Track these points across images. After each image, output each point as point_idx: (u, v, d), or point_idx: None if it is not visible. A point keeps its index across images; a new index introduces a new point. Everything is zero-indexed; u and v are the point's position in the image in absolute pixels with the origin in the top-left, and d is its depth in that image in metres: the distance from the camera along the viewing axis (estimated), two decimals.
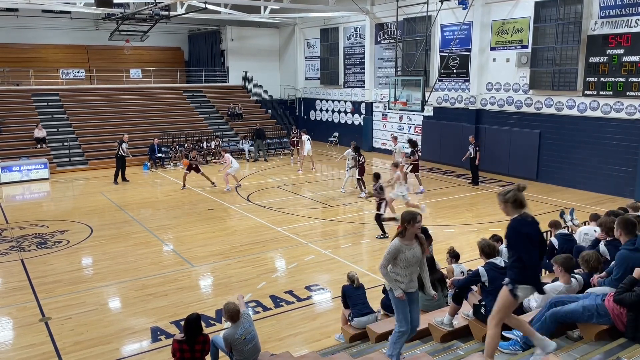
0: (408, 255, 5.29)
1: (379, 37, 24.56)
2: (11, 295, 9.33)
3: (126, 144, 19.02)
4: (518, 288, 4.45)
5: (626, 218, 5.60)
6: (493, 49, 19.44)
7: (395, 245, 5.31)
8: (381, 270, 5.44)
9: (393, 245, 5.33)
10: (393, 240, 5.38)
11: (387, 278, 5.40)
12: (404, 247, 5.29)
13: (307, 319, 8.30)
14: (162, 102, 27.15)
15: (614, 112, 15.86)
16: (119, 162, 18.87)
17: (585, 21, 16.16)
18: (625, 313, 4.83)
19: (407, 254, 5.28)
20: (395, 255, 5.30)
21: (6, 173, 19.30)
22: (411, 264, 5.32)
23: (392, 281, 5.36)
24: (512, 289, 4.47)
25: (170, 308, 8.67)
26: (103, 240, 12.39)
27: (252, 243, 12.05)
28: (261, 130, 24.10)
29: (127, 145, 19.16)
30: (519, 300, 4.58)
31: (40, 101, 24.71)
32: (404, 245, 5.29)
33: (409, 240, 5.31)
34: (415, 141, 17.93)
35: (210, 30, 31.64)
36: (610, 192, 15.99)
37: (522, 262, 4.39)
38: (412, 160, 17.03)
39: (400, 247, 5.29)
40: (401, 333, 5.44)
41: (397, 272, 5.33)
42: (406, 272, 5.32)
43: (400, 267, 5.31)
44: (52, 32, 29.30)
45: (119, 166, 18.89)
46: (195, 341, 5.66)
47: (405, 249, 5.28)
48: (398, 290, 5.33)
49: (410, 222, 5.25)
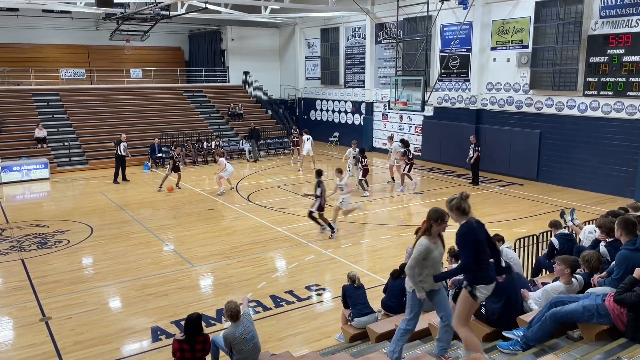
0: (435, 254, 5.12)
1: (379, 37, 24.55)
2: (11, 295, 9.33)
3: (125, 144, 19.00)
4: (476, 289, 4.85)
5: (627, 218, 5.59)
6: (493, 49, 19.43)
7: (426, 245, 5.09)
8: (410, 271, 5.19)
9: (423, 245, 5.09)
10: (420, 240, 5.13)
11: (413, 280, 5.18)
12: (432, 245, 5.10)
13: (308, 318, 8.30)
14: (162, 102, 27.15)
15: (615, 112, 15.86)
16: (118, 162, 18.87)
17: (585, 21, 16.15)
18: (626, 313, 4.82)
19: (434, 252, 5.11)
20: (426, 255, 5.08)
21: (7, 173, 19.31)
22: (436, 262, 5.17)
23: (416, 283, 5.17)
24: (471, 290, 4.86)
25: (170, 308, 8.67)
26: (103, 240, 12.39)
27: (252, 243, 12.05)
28: (255, 130, 23.99)
29: (126, 144, 19.15)
30: (479, 300, 4.96)
31: (41, 101, 24.71)
32: (432, 244, 5.10)
33: (435, 238, 5.13)
34: (407, 141, 18.01)
35: (210, 30, 31.65)
36: (611, 192, 15.98)
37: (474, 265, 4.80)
38: (407, 159, 17.06)
39: (430, 246, 5.09)
40: (406, 331, 5.36)
41: (422, 272, 5.14)
42: (431, 271, 5.14)
43: (427, 266, 5.12)
44: (53, 32, 29.32)
45: (118, 166, 18.89)
46: (195, 341, 5.66)
47: (433, 248, 5.11)
48: (421, 292, 5.17)
49: (438, 220, 5.03)
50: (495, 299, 5.51)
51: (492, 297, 5.51)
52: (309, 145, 20.73)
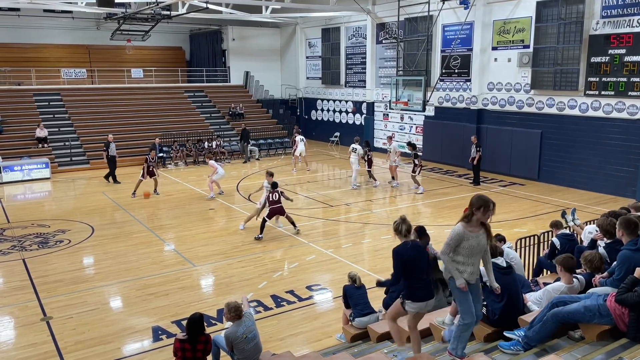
0: (472, 243, 4.85)
1: (380, 36, 24.54)
2: (13, 294, 9.34)
3: (113, 144, 18.87)
4: (406, 303, 5.25)
5: (628, 218, 5.58)
6: (494, 49, 19.42)
7: (459, 232, 4.85)
8: (442, 257, 5.00)
9: (456, 232, 4.87)
10: (456, 226, 4.92)
11: (449, 266, 4.94)
12: (467, 233, 4.84)
13: (308, 318, 8.30)
14: (163, 102, 27.17)
15: (616, 112, 15.84)
16: (111, 162, 18.78)
17: (587, 21, 16.14)
18: (627, 313, 4.82)
19: (471, 241, 4.84)
20: (458, 242, 4.85)
21: (8, 172, 19.33)
22: (474, 253, 4.89)
23: (454, 270, 4.92)
24: (402, 302, 5.29)
25: (171, 308, 8.68)
26: (104, 240, 12.40)
27: (253, 243, 12.05)
28: (246, 130, 23.83)
29: (115, 145, 19.00)
30: (409, 312, 5.31)
31: (42, 101, 24.73)
32: (468, 232, 4.84)
33: (475, 227, 4.86)
34: (414, 144, 18.02)
35: (211, 29, 31.66)
36: (612, 192, 15.97)
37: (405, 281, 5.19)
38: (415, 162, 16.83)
39: (464, 233, 4.83)
40: (466, 325, 5.03)
41: (459, 261, 4.91)
42: (469, 261, 4.89)
43: (463, 255, 4.88)
44: (54, 32, 29.34)
45: (112, 166, 18.81)
46: (197, 341, 5.66)
47: (470, 236, 4.84)
48: (460, 279, 4.88)
49: (481, 208, 4.77)
50: (497, 299, 5.50)
51: (493, 297, 5.52)
52: (302, 146, 20.54)
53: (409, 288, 5.19)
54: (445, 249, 4.94)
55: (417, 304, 5.20)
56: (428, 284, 5.28)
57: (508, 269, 5.63)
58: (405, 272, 5.12)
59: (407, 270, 5.12)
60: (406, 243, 5.17)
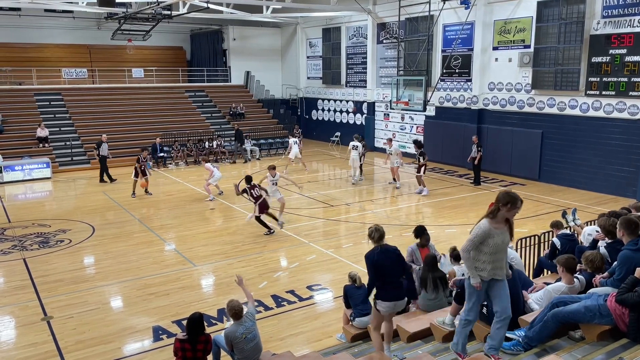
0: (497, 240, 4.75)
1: (381, 36, 24.54)
2: (13, 294, 9.35)
3: (105, 144, 18.83)
4: (377, 303, 5.57)
5: (629, 218, 5.57)
6: (495, 49, 19.41)
7: (485, 229, 4.73)
8: (463, 254, 4.89)
9: (482, 228, 4.75)
10: (481, 222, 4.80)
11: (468, 264, 4.87)
12: (493, 230, 4.73)
13: (309, 318, 8.30)
14: (164, 102, 27.17)
15: (617, 112, 15.83)
16: (101, 162, 18.77)
17: (587, 21, 16.13)
18: (628, 313, 4.82)
19: (496, 238, 4.74)
20: (483, 239, 4.74)
21: (9, 172, 19.34)
22: (499, 250, 4.80)
23: (471, 267, 4.83)
24: (375, 304, 5.61)
25: (172, 307, 8.68)
26: (105, 240, 12.41)
27: (253, 242, 12.06)
28: (239, 131, 23.70)
29: (107, 145, 18.96)
30: (383, 313, 5.60)
31: (43, 100, 24.75)
32: (494, 229, 4.73)
33: (500, 223, 4.76)
34: (420, 141, 17.86)
35: (212, 29, 31.67)
36: (613, 192, 15.96)
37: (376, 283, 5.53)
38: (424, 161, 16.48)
39: (490, 230, 4.72)
40: (467, 322, 5.06)
41: (479, 258, 4.80)
42: (492, 258, 4.79)
43: (486, 252, 4.77)
44: (55, 32, 29.36)
45: (102, 166, 18.79)
46: (197, 340, 5.66)
47: (495, 233, 4.74)
48: (476, 278, 4.82)
49: (508, 205, 4.66)
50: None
51: None
52: (296, 149, 20.33)
53: (379, 289, 5.57)
54: (467, 245, 4.82)
55: (387, 304, 5.56)
56: (398, 285, 5.62)
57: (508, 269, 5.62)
58: (376, 274, 5.52)
59: (377, 273, 5.52)
60: (376, 248, 5.62)
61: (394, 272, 5.57)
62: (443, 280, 6.90)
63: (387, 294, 5.55)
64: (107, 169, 18.89)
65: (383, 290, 5.56)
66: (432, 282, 6.77)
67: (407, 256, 7.84)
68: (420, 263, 7.46)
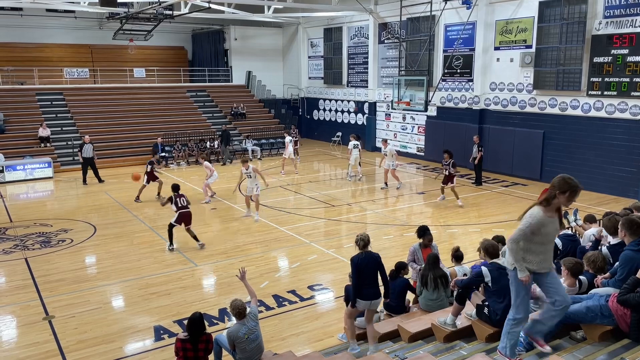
0: (549, 229, 4.42)
1: (382, 36, 24.53)
2: (15, 293, 9.37)
3: (90, 145, 18.47)
4: (356, 301, 6.32)
5: (631, 219, 5.56)
6: (497, 49, 19.40)
7: (539, 217, 4.36)
8: (511, 244, 4.51)
9: (535, 217, 4.37)
10: (533, 210, 4.42)
11: (515, 256, 4.49)
12: (547, 219, 4.38)
13: (310, 318, 8.30)
14: (165, 102, 27.19)
15: (618, 112, 15.81)
16: (83, 165, 18.51)
17: (589, 21, 16.11)
18: (629, 314, 4.81)
19: (549, 227, 4.40)
20: (537, 228, 4.37)
21: (10, 172, 19.37)
22: (550, 240, 4.51)
23: (519, 260, 4.47)
24: (352, 301, 6.35)
25: (173, 307, 8.69)
26: (106, 239, 12.42)
27: (255, 242, 12.06)
28: (227, 132, 23.61)
29: (92, 146, 18.62)
30: (359, 309, 6.40)
31: (45, 100, 24.78)
32: (547, 217, 4.39)
33: (552, 211, 4.42)
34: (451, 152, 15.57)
35: (213, 29, 31.68)
36: (614, 193, 15.94)
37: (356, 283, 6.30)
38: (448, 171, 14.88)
39: (544, 219, 4.37)
40: (517, 321, 4.65)
41: (529, 249, 4.45)
42: (542, 249, 4.46)
43: (537, 243, 4.43)
44: (56, 32, 29.40)
45: (84, 168, 18.51)
46: (198, 340, 5.67)
47: (548, 222, 4.39)
48: (524, 271, 4.45)
49: (566, 193, 4.28)
50: (499, 299, 5.50)
51: (495, 297, 5.52)
52: (290, 148, 20.23)
53: (359, 288, 6.28)
54: (517, 235, 4.45)
55: (363, 302, 6.29)
56: (375, 287, 6.32)
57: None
58: (358, 276, 6.27)
59: (359, 275, 6.27)
60: (361, 253, 6.37)
61: (372, 275, 6.31)
62: (444, 280, 6.89)
63: (365, 293, 6.26)
64: (84, 170, 18.58)
65: (362, 290, 6.27)
66: (433, 281, 6.76)
67: (409, 256, 7.84)
68: (422, 263, 7.46)
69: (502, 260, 5.73)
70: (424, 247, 7.70)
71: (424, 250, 7.64)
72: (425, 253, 7.49)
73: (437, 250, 7.78)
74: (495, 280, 5.51)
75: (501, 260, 5.71)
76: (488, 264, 5.72)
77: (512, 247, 4.52)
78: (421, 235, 7.76)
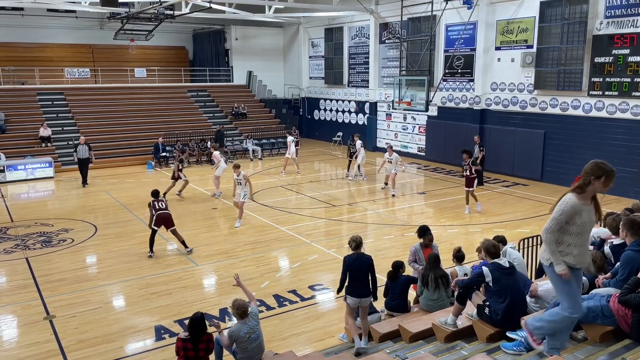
0: (585, 218, 4.08)
1: (383, 36, 24.53)
2: (16, 293, 9.37)
3: (84, 146, 18.26)
4: (347, 297, 6.65)
5: (632, 219, 5.55)
6: (498, 49, 19.39)
7: (573, 204, 4.04)
8: (546, 235, 4.16)
9: (569, 203, 4.05)
10: (567, 197, 4.10)
11: (551, 247, 4.15)
12: (582, 206, 4.05)
13: (311, 318, 8.30)
14: (166, 102, 27.20)
15: (620, 112, 15.80)
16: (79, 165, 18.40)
17: (590, 21, 16.10)
18: (630, 314, 4.79)
19: (584, 216, 4.07)
20: (570, 217, 4.06)
21: (11, 171, 19.39)
22: (586, 230, 4.14)
23: (555, 252, 4.13)
24: (345, 297, 6.69)
25: (174, 307, 8.69)
26: (107, 239, 12.43)
27: (255, 242, 12.06)
28: (221, 132, 23.47)
29: (88, 147, 18.37)
30: (351, 305, 6.67)
31: (46, 100, 24.79)
32: (582, 205, 4.06)
33: (587, 199, 4.09)
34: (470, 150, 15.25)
35: (214, 29, 31.69)
36: (615, 193, 15.88)
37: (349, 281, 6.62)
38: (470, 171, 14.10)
39: (579, 206, 4.04)
40: (570, 320, 4.32)
41: (564, 241, 4.13)
42: (578, 240, 4.13)
43: (572, 233, 4.11)
44: (57, 31, 29.42)
45: (80, 169, 18.40)
46: (199, 340, 5.67)
47: (583, 210, 4.06)
48: (562, 265, 4.10)
49: (602, 178, 3.99)
50: (500, 299, 5.49)
51: (496, 297, 5.51)
52: (293, 148, 20.18)
53: (350, 286, 6.62)
54: (552, 225, 4.12)
55: (353, 299, 6.60)
56: (365, 286, 6.60)
57: (511, 270, 5.62)
58: (348, 274, 6.60)
59: (350, 273, 6.59)
60: (353, 254, 6.64)
61: (363, 275, 6.59)
62: (445, 280, 6.88)
63: (355, 291, 6.60)
64: (81, 171, 18.44)
65: (352, 288, 6.60)
66: (434, 281, 6.76)
67: (410, 256, 7.84)
68: (423, 263, 7.45)
69: (503, 260, 5.73)
70: (424, 247, 7.71)
71: (425, 250, 7.64)
72: (426, 253, 7.49)
73: (438, 250, 7.77)
74: (496, 280, 5.50)
75: (502, 260, 5.71)
76: (489, 264, 5.71)
77: (547, 238, 4.18)
78: (422, 235, 7.76)
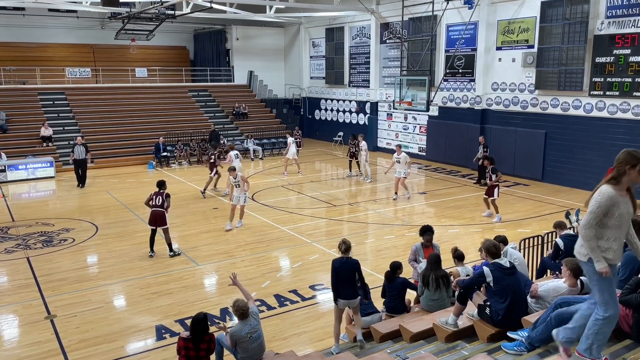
0: (623, 210, 3.85)
1: (384, 36, 24.53)
2: (17, 292, 9.38)
3: (80, 147, 18.16)
4: (338, 300, 6.68)
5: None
6: (499, 49, 19.38)
7: (610, 195, 3.82)
8: (585, 231, 3.90)
9: (606, 195, 3.84)
10: (602, 188, 3.91)
11: (590, 244, 3.89)
12: (619, 197, 3.83)
13: (311, 318, 8.31)
14: (167, 101, 27.21)
15: (620, 112, 15.79)
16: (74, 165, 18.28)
17: (591, 21, 16.09)
18: (631, 314, 4.80)
19: (622, 208, 3.84)
20: (607, 209, 3.82)
21: (12, 171, 19.40)
22: (624, 223, 3.90)
23: (594, 249, 3.88)
24: (334, 299, 6.72)
25: (175, 306, 8.70)
26: (108, 239, 12.44)
27: (256, 242, 12.07)
28: (215, 132, 23.43)
29: (84, 148, 18.28)
30: (340, 307, 6.73)
31: (47, 100, 24.81)
32: (619, 196, 3.84)
33: (622, 190, 3.88)
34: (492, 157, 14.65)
35: (215, 29, 31.70)
36: None
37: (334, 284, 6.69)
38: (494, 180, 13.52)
39: (616, 197, 3.82)
40: (606, 320, 3.99)
41: (603, 235, 3.87)
42: (617, 234, 3.88)
43: (611, 227, 3.87)
44: (59, 31, 29.44)
45: (76, 169, 18.30)
46: (201, 340, 5.67)
47: (621, 201, 3.84)
48: (602, 262, 3.85)
49: (638, 165, 3.81)
50: (500, 299, 5.49)
51: (497, 297, 5.51)
52: (293, 149, 20.12)
53: (338, 289, 6.63)
54: (590, 219, 3.87)
55: (342, 301, 6.65)
56: (352, 288, 6.65)
57: (511, 270, 5.62)
58: (336, 278, 6.63)
59: (337, 277, 6.62)
60: (341, 258, 6.69)
61: (349, 278, 6.65)
62: (445, 280, 6.88)
63: (343, 293, 6.63)
64: (76, 171, 18.36)
65: (341, 290, 6.65)
66: (434, 281, 6.76)
67: (411, 255, 7.84)
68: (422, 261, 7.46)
69: (504, 260, 5.73)
70: (425, 246, 7.71)
71: (426, 249, 7.64)
72: (427, 252, 7.49)
73: (439, 250, 7.78)
74: (497, 280, 5.50)
75: (503, 260, 5.71)
76: (490, 264, 5.71)
77: (585, 234, 3.92)
78: (423, 234, 7.78)
